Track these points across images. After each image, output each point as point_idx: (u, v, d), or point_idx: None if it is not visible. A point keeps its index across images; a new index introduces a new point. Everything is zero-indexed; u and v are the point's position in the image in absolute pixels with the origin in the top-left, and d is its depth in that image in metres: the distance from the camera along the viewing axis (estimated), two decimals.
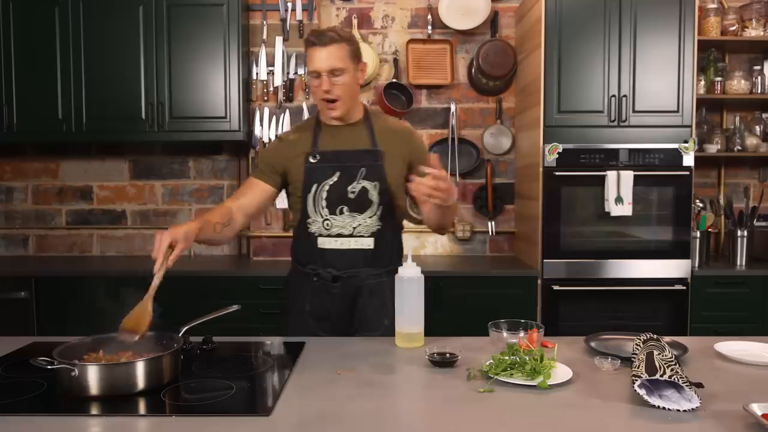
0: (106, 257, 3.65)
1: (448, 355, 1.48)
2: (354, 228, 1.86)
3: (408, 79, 3.59)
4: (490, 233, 3.65)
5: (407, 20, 3.64)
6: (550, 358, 1.40)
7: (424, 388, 1.38)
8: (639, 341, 1.49)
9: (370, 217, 1.87)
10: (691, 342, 1.63)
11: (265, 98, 3.42)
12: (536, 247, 3.14)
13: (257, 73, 3.40)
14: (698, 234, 3.19)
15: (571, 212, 3.11)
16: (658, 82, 3.07)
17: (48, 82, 3.23)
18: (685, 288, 3.08)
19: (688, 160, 3.08)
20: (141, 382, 1.30)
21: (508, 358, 1.40)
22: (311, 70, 1.82)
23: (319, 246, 1.89)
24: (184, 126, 3.26)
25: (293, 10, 3.41)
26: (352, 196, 1.85)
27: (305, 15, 3.42)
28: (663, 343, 1.46)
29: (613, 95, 3.07)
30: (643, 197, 3.07)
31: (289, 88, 3.40)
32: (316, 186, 1.86)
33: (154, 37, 3.22)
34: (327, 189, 1.86)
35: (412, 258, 1.68)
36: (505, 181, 3.68)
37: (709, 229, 3.32)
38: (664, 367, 1.25)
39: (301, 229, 1.92)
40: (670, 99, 3.07)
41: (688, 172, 3.08)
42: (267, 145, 3.34)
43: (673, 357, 1.36)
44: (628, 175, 3.01)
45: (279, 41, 3.40)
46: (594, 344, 1.61)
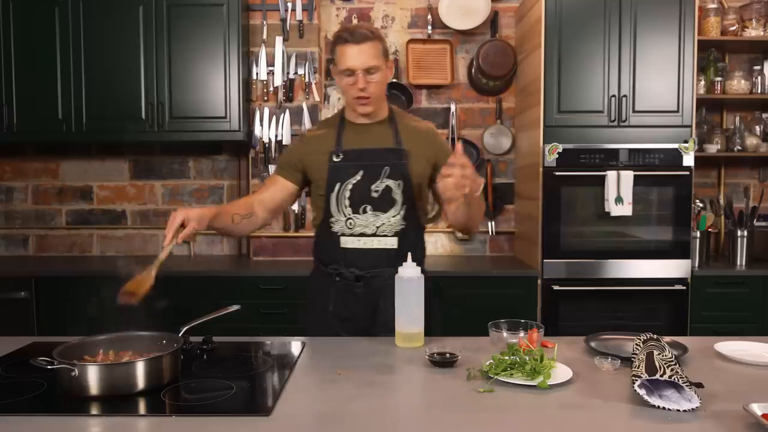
0: (106, 257, 3.65)
1: (448, 355, 1.48)
2: (377, 227, 1.84)
3: (408, 79, 3.59)
4: (490, 233, 3.65)
5: (407, 20, 3.64)
6: (550, 358, 1.40)
7: (424, 388, 1.38)
8: (639, 341, 1.49)
9: (393, 217, 1.85)
10: (691, 342, 1.63)
11: (265, 98, 3.42)
12: (536, 247, 3.14)
13: (257, 73, 3.40)
14: (698, 234, 3.19)
15: (571, 212, 3.11)
16: (658, 82, 3.07)
17: (48, 82, 3.23)
18: (685, 288, 3.08)
19: (688, 160, 3.08)
20: (141, 382, 1.30)
21: (508, 358, 1.40)
22: (345, 68, 1.79)
23: (342, 245, 1.87)
24: (184, 126, 3.26)
25: (293, 10, 3.41)
26: (375, 195, 1.84)
27: (305, 15, 3.41)
28: (663, 343, 1.46)
29: (613, 95, 3.07)
30: (643, 197, 3.07)
31: (289, 88, 3.40)
32: (339, 185, 1.84)
33: (154, 37, 3.22)
34: (350, 188, 1.84)
35: (412, 258, 1.68)
36: (505, 181, 3.68)
37: (709, 229, 3.32)
38: (664, 367, 1.25)
39: (323, 229, 1.90)
40: (670, 99, 3.07)
41: (688, 172, 3.08)
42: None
43: (673, 357, 1.36)
44: (628, 175, 3.01)
45: (279, 41, 3.40)
46: (594, 344, 1.61)
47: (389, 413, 1.22)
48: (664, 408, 1.18)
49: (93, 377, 1.27)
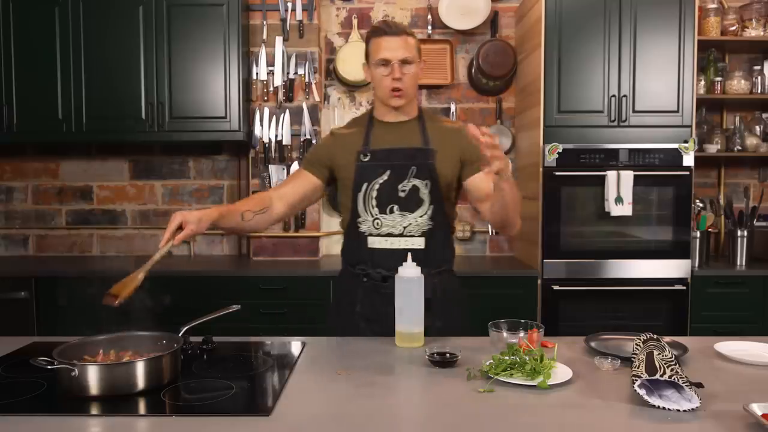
0: (106, 257, 3.65)
1: (448, 355, 1.48)
2: (404, 227, 1.83)
3: None
4: (490, 233, 3.65)
5: (407, 20, 3.64)
6: (550, 358, 1.40)
7: (424, 388, 1.38)
8: (639, 341, 1.49)
9: (420, 217, 1.83)
10: (691, 342, 1.63)
11: (265, 98, 3.42)
12: (536, 247, 3.14)
13: (257, 73, 3.40)
14: (698, 234, 3.19)
15: (571, 212, 3.11)
16: (658, 82, 3.07)
17: (48, 82, 3.23)
18: (685, 288, 3.08)
19: (688, 160, 3.08)
20: (141, 382, 1.30)
21: (508, 358, 1.40)
22: (381, 59, 1.79)
23: (369, 246, 1.85)
24: (184, 126, 3.26)
25: (293, 10, 3.41)
26: (402, 194, 1.82)
27: (305, 15, 3.41)
28: (663, 343, 1.46)
29: (613, 95, 3.07)
30: (643, 197, 3.07)
31: (289, 88, 3.40)
32: (366, 185, 1.83)
33: (154, 37, 3.23)
34: (377, 188, 1.83)
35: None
36: None
37: (709, 229, 3.32)
38: (664, 367, 1.25)
39: (351, 229, 1.89)
40: (670, 99, 3.07)
41: (688, 172, 3.08)
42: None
43: (673, 357, 1.36)
44: (628, 175, 3.01)
45: (279, 41, 3.40)
46: (594, 344, 1.61)
47: (389, 413, 1.22)
48: (664, 408, 1.18)
49: (93, 377, 1.27)
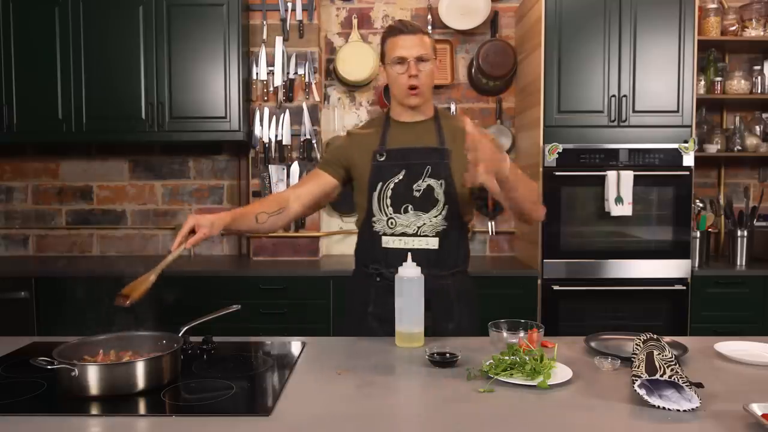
0: (106, 257, 3.65)
1: (448, 355, 1.48)
2: (418, 227, 1.82)
3: None
4: (490, 233, 3.65)
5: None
6: (550, 358, 1.40)
7: (424, 388, 1.38)
8: (639, 341, 1.49)
9: (435, 217, 1.82)
10: (691, 342, 1.63)
11: (265, 98, 3.42)
12: (536, 247, 3.14)
13: (257, 73, 3.40)
14: (698, 234, 3.20)
15: (571, 212, 3.11)
16: (658, 82, 3.07)
17: (48, 82, 3.23)
18: (685, 288, 3.09)
19: (688, 160, 3.08)
20: (141, 382, 1.30)
21: (508, 358, 1.40)
22: (397, 56, 1.80)
23: (383, 245, 1.85)
24: (184, 126, 3.26)
25: (293, 10, 3.40)
26: (417, 194, 1.82)
27: (305, 15, 3.41)
28: (663, 343, 1.46)
29: (613, 95, 3.07)
30: (643, 197, 3.07)
31: (289, 88, 3.40)
32: (381, 184, 1.84)
33: (154, 37, 3.22)
34: (392, 187, 1.83)
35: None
36: None
37: (709, 229, 3.32)
38: (664, 367, 1.25)
39: (365, 228, 1.89)
40: (670, 99, 3.07)
41: (688, 172, 3.08)
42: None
43: (673, 357, 1.36)
44: (628, 175, 3.01)
45: (279, 41, 3.40)
46: (594, 344, 1.61)
47: (389, 413, 1.22)
48: (664, 408, 1.18)
49: (93, 377, 1.27)
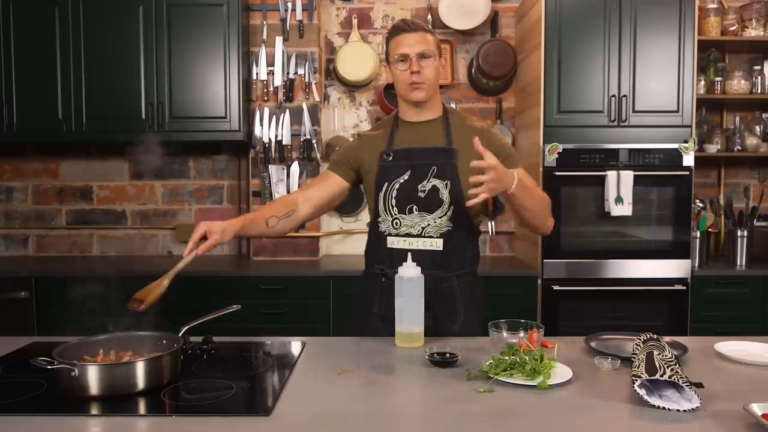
0: (106, 257, 3.65)
1: (448, 355, 1.48)
2: (423, 228, 1.81)
3: None
4: (490, 233, 3.65)
5: None
6: (550, 358, 1.40)
7: (424, 388, 1.38)
8: (639, 341, 1.49)
9: (440, 218, 1.81)
10: (691, 342, 1.63)
11: (265, 98, 3.42)
12: (536, 247, 3.14)
13: (257, 73, 3.40)
14: (698, 234, 3.20)
15: (571, 212, 3.11)
16: (658, 82, 3.07)
17: (48, 82, 3.23)
18: (685, 288, 3.09)
19: (688, 160, 3.08)
20: (141, 382, 1.30)
21: (508, 358, 1.40)
22: (399, 54, 1.80)
23: (388, 245, 1.85)
24: (184, 126, 3.26)
25: (293, 10, 3.40)
26: (422, 195, 1.81)
27: (305, 15, 3.41)
28: (663, 343, 1.46)
29: (613, 95, 3.07)
30: (643, 197, 3.07)
31: (289, 88, 3.40)
32: (387, 184, 1.84)
33: (154, 37, 3.22)
34: (397, 187, 1.83)
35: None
36: None
37: (709, 229, 3.32)
38: (664, 367, 1.25)
39: (373, 229, 1.90)
40: (670, 99, 3.07)
41: (688, 172, 3.08)
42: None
43: (673, 357, 1.36)
44: (628, 175, 3.01)
45: (279, 41, 3.39)
46: (594, 344, 1.61)
47: (389, 413, 1.22)
48: (664, 408, 1.18)
49: (93, 377, 1.27)
